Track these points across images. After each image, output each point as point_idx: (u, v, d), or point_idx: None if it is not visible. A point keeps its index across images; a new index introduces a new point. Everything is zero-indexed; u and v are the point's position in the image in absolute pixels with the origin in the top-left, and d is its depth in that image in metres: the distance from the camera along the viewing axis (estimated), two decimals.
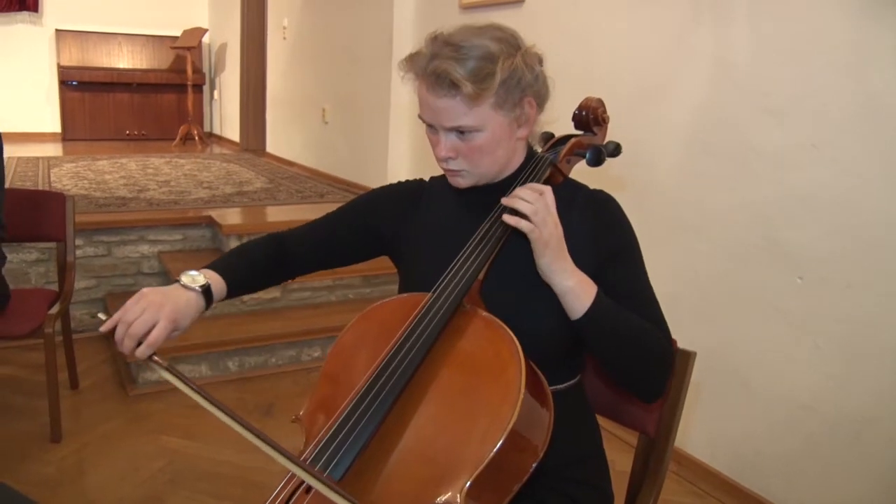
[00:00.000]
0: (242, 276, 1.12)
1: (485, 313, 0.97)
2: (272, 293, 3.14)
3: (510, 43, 1.01)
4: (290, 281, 1.22)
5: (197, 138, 6.97)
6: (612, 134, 1.19)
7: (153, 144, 6.94)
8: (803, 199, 1.89)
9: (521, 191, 0.99)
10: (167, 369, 0.92)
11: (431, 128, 1.05)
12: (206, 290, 1.03)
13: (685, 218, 2.24)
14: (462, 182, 1.08)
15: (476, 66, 0.96)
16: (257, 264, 1.15)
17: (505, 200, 1.00)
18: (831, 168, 1.82)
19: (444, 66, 0.96)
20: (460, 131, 1.01)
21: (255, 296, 3.10)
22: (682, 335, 1.37)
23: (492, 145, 1.03)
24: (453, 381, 0.92)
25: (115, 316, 0.97)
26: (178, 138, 6.91)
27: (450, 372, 0.93)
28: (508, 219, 0.97)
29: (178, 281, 1.03)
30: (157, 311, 0.96)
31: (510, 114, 1.02)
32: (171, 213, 3.45)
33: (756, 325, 2.05)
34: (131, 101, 7.34)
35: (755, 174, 2.01)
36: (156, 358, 0.95)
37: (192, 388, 0.89)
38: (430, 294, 0.99)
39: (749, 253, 2.05)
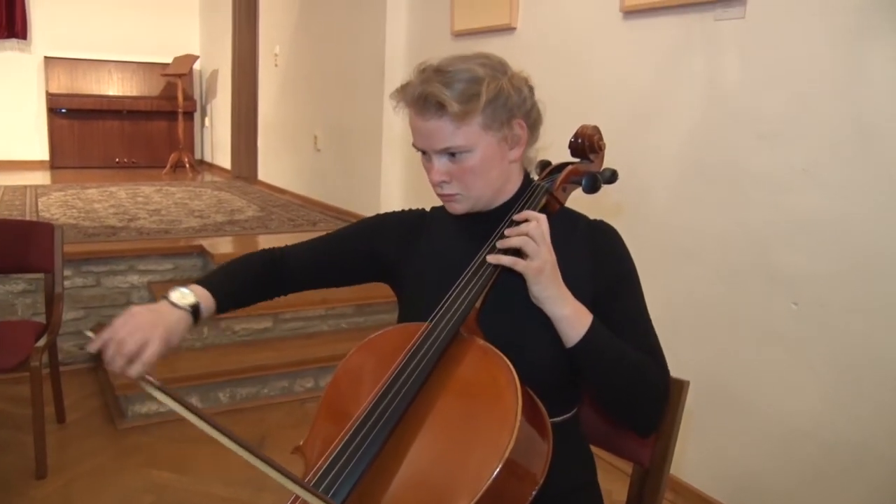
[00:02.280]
0: (232, 291, 1.13)
1: (482, 342, 0.98)
2: (264, 323, 3.13)
3: (496, 68, 1.05)
4: (281, 296, 1.22)
5: (188, 166, 7.00)
6: (607, 160, 1.21)
7: (143, 172, 6.95)
8: (797, 223, 1.92)
9: (519, 220, 1.03)
10: (160, 389, 0.92)
11: (425, 155, 1.08)
12: (195, 310, 1.05)
13: (679, 242, 2.26)
14: (458, 207, 1.09)
15: (462, 88, 1.00)
16: (250, 278, 1.17)
17: (500, 244, 1.03)
18: (824, 192, 1.85)
19: (430, 90, 1.00)
20: (451, 153, 1.04)
21: (246, 325, 3.09)
22: (677, 360, 1.37)
23: (484, 166, 1.05)
24: (451, 409, 0.93)
25: (105, 334, 0.98)
26: (168, 166, 6.93)
27: (447, 400, 0.94)
28: (491, 258, 1.01)
29: (166, 298, 1.04)
30: (149, 330, 0.97)
31: (498, 133, 1.05)
32: (161, 242, 3.46)
33: (752, 350, 2.06)
34: (121, 128, 7.36)
35: (749, 198, 2.04)
36: (148, 377, 0.95)
37: (187, 408, 0.89)
38: (427, 323, 1.00)
39: (744, 277, 2.07)
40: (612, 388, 1.06)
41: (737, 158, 2.07)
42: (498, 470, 0.83)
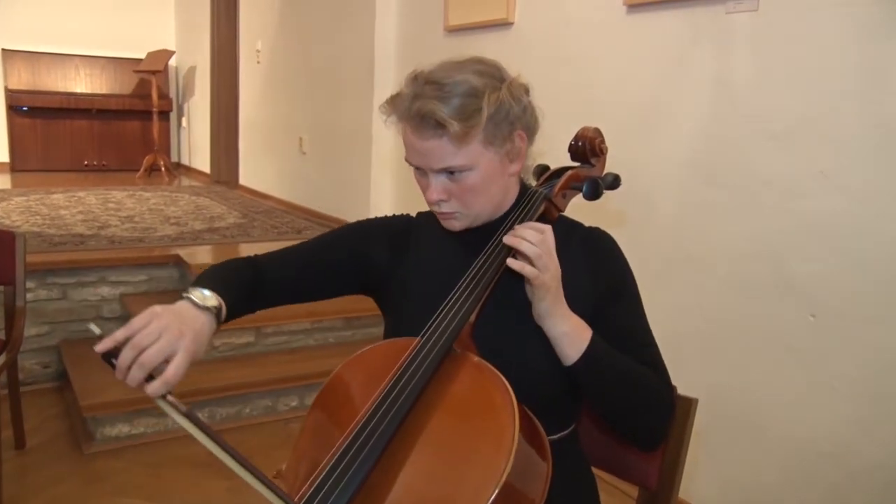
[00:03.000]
0: (235, 300, 1.07)
1: (476, 358, 0.99)
2: (245, 337, 3.13)
3: (494, 76, 1.06)
4: (259, 310, 1.18)
5: (163, 169, 7.00)
6: (609, 164, 1.23)
7: (115, 176, 6.95)
8: (814, 230, 1.93)
9: (523, 230, 1.01)
10: (185, 415, 0.86)
11: (420, 171, 1.08)
12: (219, 314, 0.99)
13: (687, 251, 2.28)
14: (457, 225, 1.11)
15: (461, 104, 1.00)
16: (244, 285, 1.12)
17: (507, 240, 1.02)
18: (842, 196, 1.86)
19: (428, 107, 1.00)
20: (450, 172, 1.05)
21: (226, 340, 3.09)
22: (687, 377, 1.38)
23: (484, 184, 1.06)
24: (444, 429, 0.94)
25: (119, 334, 0.90)
26: (142, 169, 6.93)
27: (440, 420, 0.94)
28: (514, 263, 1.00)
29: (186, 297, 0.99)
30: (176, 338, 0.91)
31: (500, 149, 1.06)
32: (134, 251, 3.46)
33: (767, 366, 2.06)
34: (90, 128, 7.35)
35: (761, 204, 2.06)
36: (171, 398, 0.88)
37: (216, 442, 0.84)
38: (418, 338, 1.01)
39: (757, 288, 2.08)
40: (614, 405, 1.08)
41: (749, 161, 2.09)
42: (495, 495, 0.83)
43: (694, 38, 2.24)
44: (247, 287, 1.12)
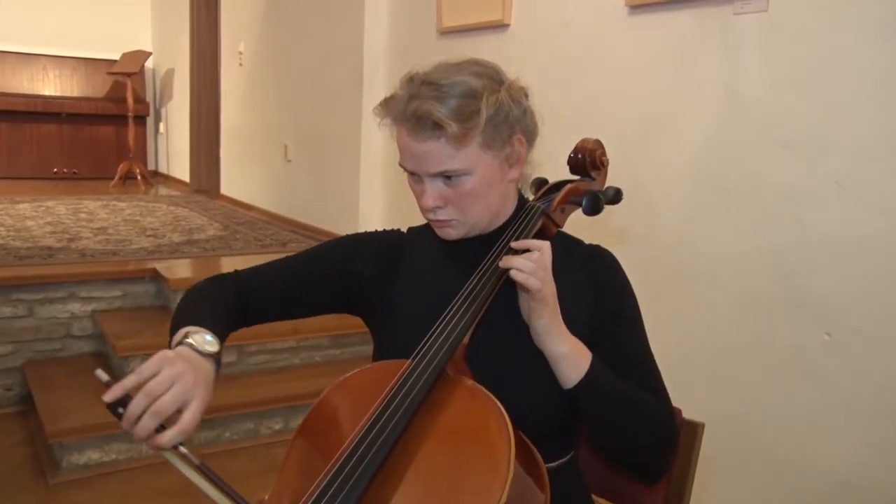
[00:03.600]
0: (223, 330, 1.08)
1: (470, 382, 1.00)
2: (226, 356, 3.12)
3: (492, 77, 1.08)
4: (243, 328, 1.20)
5: (139, 178, 6.99)
6: (611, 175, 1.24)
7: (87, 185, 6.94)
8: (828, 243, 1.94)
9: (518, 249, 1.03)
10: (199, 468, 0.85)
11: (414, 176, 1.10)
12: (219, 358, 1.00)
13: (694, 266, 2.28)
14: (453, 233, 1.12)
15: (459, 104, 1.02)
16: (228, 312, 1.13)
17: (503, 263, 1.03)
18: (859, 207, 1.87)
19: (425, 107, 1.01)
20: (447, 176, 1.06)
21: None
22: (693, 400, 1.39)
23: (482, 189, 1.07)
24: (435, 457, 0.94)
25: (129, 381, 0.89)
26: (116, 178, 6.92)
27: (431, 448, 0.95)
28: (517, 274, 1.00)
29: (186, 344, 0.98)
30: (191, 385, 0.90)
31: (500, 153, 1.08)
32: (108, 265, 3.45)
33: (779, 387, 2.07)
34: (60, 133, 7.31)
35: (772, 215, 2.06)
36: (184, 450, 0.88)
37: (232, 498, 0.84)
38: (409, 361, 1.01)
39: (768, 305, 2.08)
40: (615, 433, 1.08)
41: (758, 170, 2.10)
42: None
43: (700, 40, 2.26)
44: (233, 313, 1.14)
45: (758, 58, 2.10)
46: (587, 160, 1.19)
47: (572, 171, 1.22)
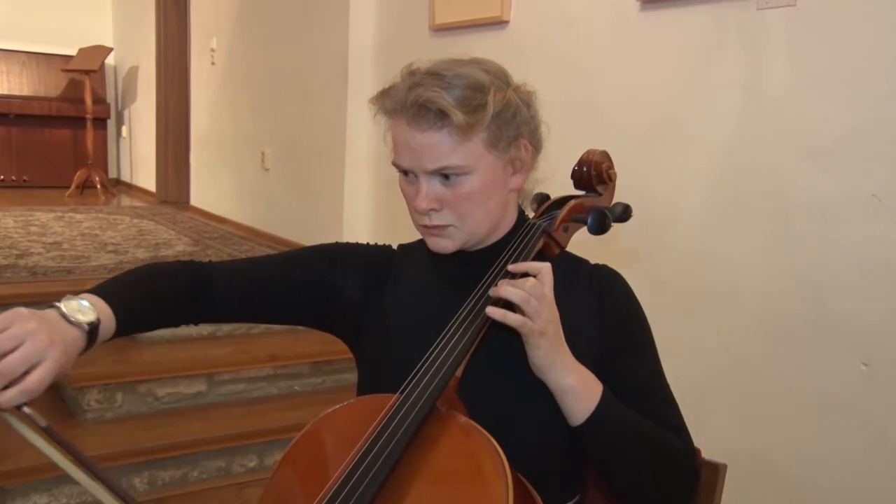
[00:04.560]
0: (140, 308, 1.09)
1: (463, 419, 1.00)
2: (195, 386, 3.11)
3: (500, 77, 1.10)
4: (191, 324, 1.19)
5: (99, 187, 6.98)
6: (619, 189, 1.25)
7: (39, 194, 6.92)
8: (864, 262, 1.94)
9: (516, 273, 1.04)
10: (45, 430, 0.87)
11: (409, 176, 1.10)
12: (93, 331, 1.00)
13: (713, 288, 2.29)
14: (448, 244, 1.12)
15: (465, 95, 1.04)
16: (166, 292, 1.14)
17: (492, 292, 1.03)
18: None
19: (428, 94, 1.03)
20: (445, 175, 1.07)
21: (172, 389, 3.07)
22: (713, 438, 1.39)
23: (483, 193, 1.08)
24: (425, 502, 0.94)
25: None
26: (73, 186, 6.91)
27: (420, 491, 0.95)
28: (493, 311, 1.01)
29: (56, 307, 0.99)
30: (43, 346, 0.91)
31: (504, 155, 1.09)
32: (62, 284, 3.43)
33: (811, 423, 2.06)
34: (7, 136, 7.27)
35: (800, 232, 2.07)
36: (28, 410, 0.89)
37: (85, 466, 0.85)
38: (396, 395, 1.02)
39: (797, 331, 2.08)
40: (628, 474, 1.08)
41: (784, 182, 2.11)
42: None
43: (719, 38, 2.27)
44: (173, 298, 1.14)
45: (783, 57, 2.10)
46: (593, 174, 1.20)
47: (577, 185, 1.22)
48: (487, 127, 1.05)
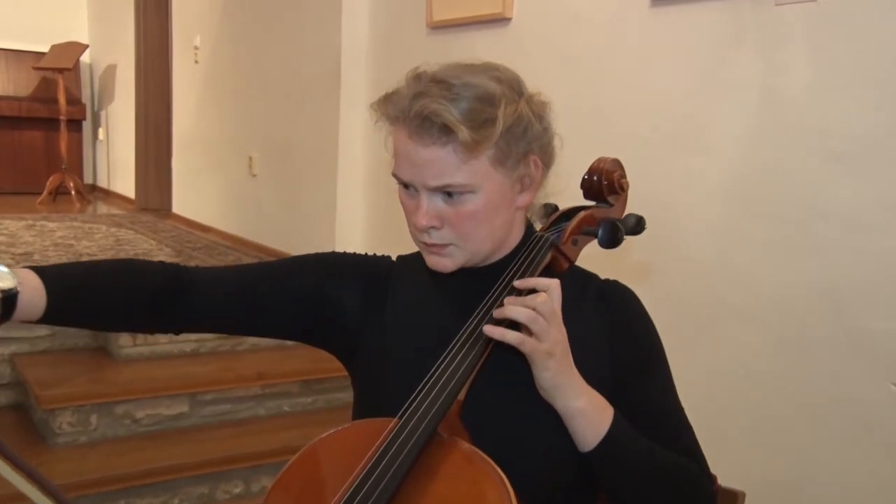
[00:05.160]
0: (88, 297, 1.07)
1: (466, 445, 1.00)
2: (177, 407, 3.10)
3: (512, 86, 1.09)
4: (163, 331, 1.18)
5: (74, 193, 6.98)
6: (632, 201, 1.25)
7: (8, 200, 6.90)
8: (892, 275, 1.94)
9: (522, 289, 1.04)
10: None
11: (409, 189, 1.10)
12: (9, 301, 0.97)
13: (730, 303, 2.29)
14: (447, 263, 1.12)
15: (473, 108, 1.03)
16: (129, 291, 1.12)
17: (496, 314, 1.03)
18: None
19: (433, 106, 1.02)
20: (448, 192, 1.07)
21: (151, 411, 3.06)
22: (731, 463, 1.39)
23: (487, 212, 1.08)
24: None
25: None
26: (45, 193, 6.90)
27: None
28: (492, 331, 1.01)
29: None
30: None
31: (512, 173, 1.09)
32: None
33: (836, 448, 2.05)
34: None
35: (823, 243, 2.07)
36: None
37: (44, 489, 0.86)
38: (395, 419, 1.02)
39: (819, 348, 2.08)
40: (641, 502, 1.09)
41: (805, 189, 2.11)
42: None
43: (735, 36, 2.27)
44: (141, 295, 1.12)
45: (804, 56, 2.11)
46: (604, 183, 1.20)
47: (586, 195, 1.23)
48: (496, 143, 1.05)
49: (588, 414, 1.04)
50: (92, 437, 2.95)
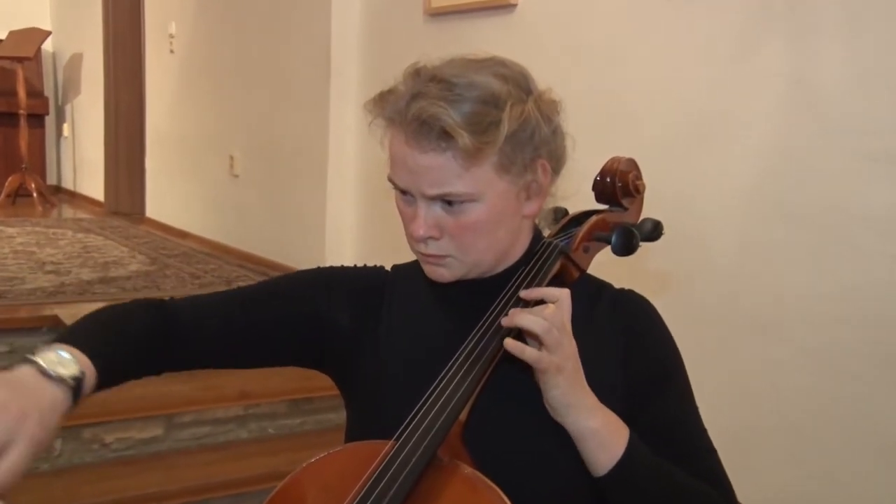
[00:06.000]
0: (118, 359, 1.08)
1: (468, 469, 1.01)
2: (151, 429, 3.11)
3: (519, 84, 1.10)
4: (152, 374, 1.18)
5: (35, 195, 6.96)
6: (648, 205, 1.26)
7: None
8: None
9: (529, 300, 1.04)
10: None
11: (406, 196, 1.11)
12: (78, 386, 0.97)
13: (754, 314, 2.29)
14: (446, 273, 1.13)
15: (475, 111, 1.03)
16: (136, 340, 1.13)
17: (506, 322, 1.04)
18: None
19: (432, 109, 1.02)
20: (448, 201, 1.07)
21: (122, 434, 3.07)
22: (757, 488, 1.40)
23: (490, 222, 1.09)
24: None
25: None
26: (3, 195, 6.89)
27: None
28: (513, 345, 1.01)
29: (31, 361, 0.96)
30: (15, 421, 0.88)
31: (518, 180, 1.10)
32: None
33: (875, 475, 2.05)
34: None
35: (856, 248, 2.08)
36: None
37: None
38: (391, 442, 1.03)
39: (856, 363, 2.08)
40: None
41: (840, 191, 2.11)
42: None
43: (763, 22, 2.28)
44: (144, 341, 1.14)
45: (839, 45, 2.11)
46: (617, 185, 1.21)
47: (598, 198, 1.24)
48: (500, 149, 1.05)
49: (602, 435, 1.05)
50: (56, 464, 2.95)
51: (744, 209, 2.33)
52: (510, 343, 1.02)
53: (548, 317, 1.01)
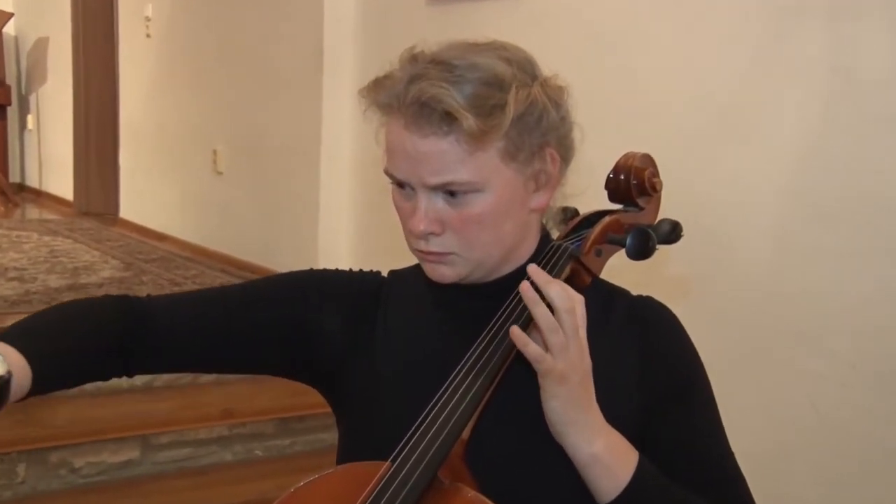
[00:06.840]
0: (63, 362, 1.10)
1: (471, 493, 1.02)
2: (125, 452, 3.11)
3: (524, 67, 1.12)
4: (123, 376, 1.20)
5: None
6: (666, 202, 1.28)
7: None
8: None
9: (547, 286, 1.04)
10: None
11: (405, 190, 1.13)
12: (4, 386, 0.98)
13: (791, 325, 2.29)
14: (448, 273, 1.14)
15: (479, 92, 1.05)
16: (93, 341, 1.14)
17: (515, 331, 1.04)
18: None
19: (432, 91, 1.04)
20: (450, 192, 1.09)
21: (94, 458, 3.07)
22: None
23: (496, 215, 1.11)
24: None
25: None
26: None
27: None
28: (517, 335, 1.02)
29: None
30: None
31: (525, 168, 1.11)
32: None
33: None
34: None
35: None
36: None
37: None
38: (388, 463, 1.04)
39: None
40: None
41: (883, 188, 2.11)
42: None
43: (797, 3, 2.28)
44: (107, 340, 1.15)
45: (883, 29, 2.11)
46: (633, 183, 1.23)
47: (612, 198, 1.25)
48: (506, 134, 1.06)
49: (604, 461, 1.06)
50: (19, 491, 2.95)
51: (776, 209, 2.33)
52: (515, 332, 1.03)
53: (562, 309, 1.01)
